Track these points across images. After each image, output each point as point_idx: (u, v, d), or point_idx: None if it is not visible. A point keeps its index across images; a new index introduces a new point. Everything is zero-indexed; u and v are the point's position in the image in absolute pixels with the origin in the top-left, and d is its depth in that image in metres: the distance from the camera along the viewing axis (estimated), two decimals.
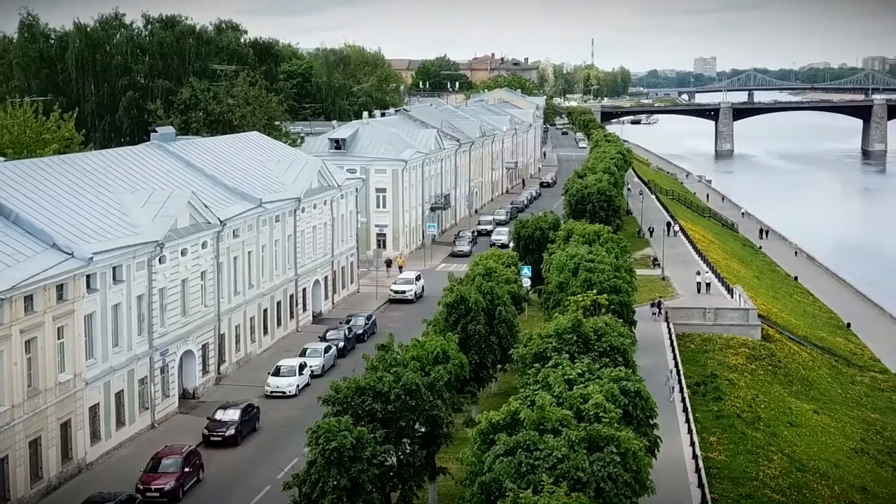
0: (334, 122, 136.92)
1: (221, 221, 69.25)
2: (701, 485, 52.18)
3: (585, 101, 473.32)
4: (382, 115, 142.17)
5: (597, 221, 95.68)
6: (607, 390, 41.74)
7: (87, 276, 54.84)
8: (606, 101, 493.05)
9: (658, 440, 44.16)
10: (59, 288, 52.43)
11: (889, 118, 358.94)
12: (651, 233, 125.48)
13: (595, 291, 61.28)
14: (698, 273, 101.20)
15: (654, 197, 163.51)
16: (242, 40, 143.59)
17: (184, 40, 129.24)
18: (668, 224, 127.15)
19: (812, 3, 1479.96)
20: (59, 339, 52.59)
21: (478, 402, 59.59)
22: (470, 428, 41.41)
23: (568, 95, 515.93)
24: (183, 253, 64.95)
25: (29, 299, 50.05)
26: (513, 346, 61.36)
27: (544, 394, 40.34)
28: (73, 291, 53.59)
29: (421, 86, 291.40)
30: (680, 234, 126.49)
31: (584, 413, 39.67)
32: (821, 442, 69.13)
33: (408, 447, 43.91)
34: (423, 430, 44.83)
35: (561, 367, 44.50)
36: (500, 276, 66.50)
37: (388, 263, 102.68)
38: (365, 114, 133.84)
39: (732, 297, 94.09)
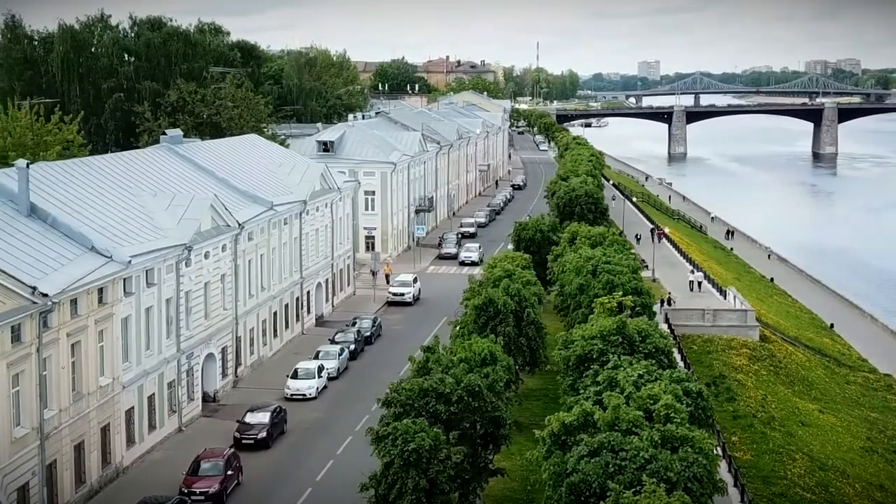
0: (318, 125, 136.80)
1: (240, 224, 69.24)
2: (738, 484, 52.98)
3: (537, 104, 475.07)
4: (363, 117, 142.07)
5: (585, 223, 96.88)
6: (671, 391, 42.40)
7: (124, 280, 54.68)
8: (556, 104, 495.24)
9: (717, 439, 44.92)
10: (100, 291, 52.27)
11: (839, 121, 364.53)
12: (638, 240, 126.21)
13: (620, 293, 61.99)
14: (691, 272, 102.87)
15: (625, 200, 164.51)
16: (226, 42, 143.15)
17: (171, 42, 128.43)
18: (652, 230, 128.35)
19: (751, 7, 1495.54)
20: (99, 342, 52.44)
21: (521, 404, 60.08)
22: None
23: (518, 98, 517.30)
24: (206, 256, 64.94)
25: (74, 303, 49.86)
26: (541, 349, 62.31)
27: (614, 395, 40.92)
28: (113, 295, 53.47)
29: (380, 88, 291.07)
30: (663, 237, 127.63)
31: (655, 413, 40.32)
32: (833, 441, 70.41)
33: (470, 448, 44.27)
34: (483, 430, 45.25)
35: (623, 368, 45.05)
36: (520, 279, 66.97)
37: (374, 273, 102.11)
38: (351, 116, 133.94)
39: (726, 299, 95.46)
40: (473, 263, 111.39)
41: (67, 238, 52.89)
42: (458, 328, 62.47)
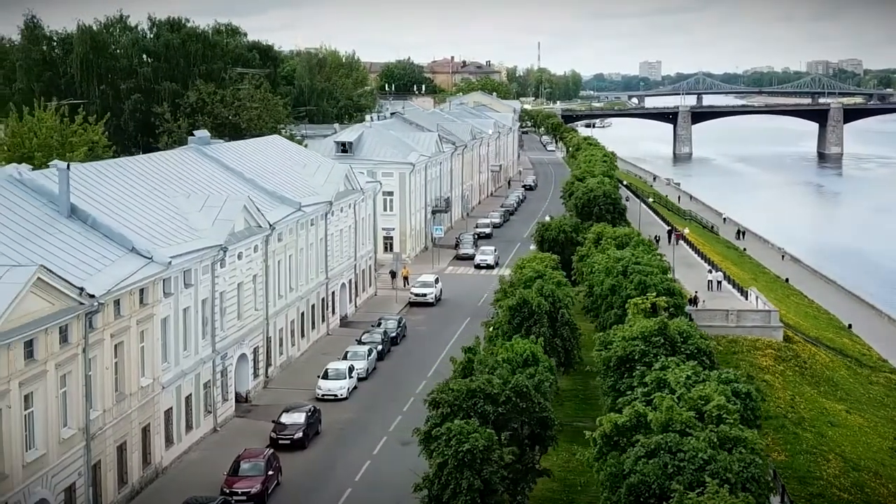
0: (335, 126, 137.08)
1: (271, 225, 69.37)
2: (778, 485, 53.01)
3: (540, 105, 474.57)
4: (379, 118, 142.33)
5: (604, 224, 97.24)
6: (721, 391, 42.49)
7: (163, 281, 54.78)
8: (560, 105, 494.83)
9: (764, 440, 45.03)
10: (141, 292, 52.38)
11: (845, 122, 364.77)
12: (657, 241, 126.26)
13: (654, 294, 62.13)
14: (710, 271, 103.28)
15: (640, 201, 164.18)
16: (243, 42, 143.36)
17: (189, 43, 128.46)
18: (669, 231, 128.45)
19: (751, 7, 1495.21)
20: (140, 343, 52.57)
21: (562, 405, 60.16)
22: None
23: (521, 98, 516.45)
24: (239, 257, 65.05)
25: (117, 304, 49.96)
26: (575, 349, 62.46)
27: (667, 396, 41.02)
28: (153, 296, 53.60)
29: (386, 88, 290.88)
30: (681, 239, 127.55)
31: (707, 414, 40.44)
32: (863, 442, 70.52)
33: (518, 448, 44.40)
34: (529, 431, 45.36)
35: (671, 369, 45.15)
36: (551, 279, 67.07)
37: (393, 275, 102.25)
38: (368, 117, 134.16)
39: (748, 299, 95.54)
40: (489, 267, 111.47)
41: (108, 239, 52.94)
42: (491, 329, 62.67)
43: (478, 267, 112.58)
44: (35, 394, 43.35)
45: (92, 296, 46.42)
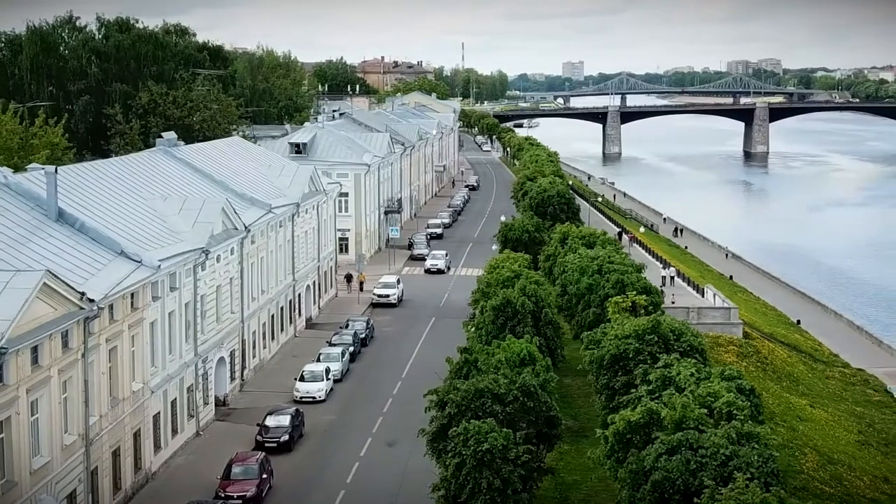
0: (287, 126, 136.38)
1: (246, 227, 69.03)
2: None
3: (468, 105, 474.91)
4: (333, 118, 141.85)
5: (568, 223, 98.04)
6: (727, 388, 43.21)
7: (151, 284, 54.31)
8: (487, 105, 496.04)
9: None
10: (132, 296, 51.91)
11: (770, 121, 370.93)
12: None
13: (634, 292, 62.88)
14: (663, 268, 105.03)
15: (589, 202, 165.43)
16: (193, 43, 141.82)
17: (139, 44, 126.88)
18: (620, 232, 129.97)
19: (672, 8, 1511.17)
20: (131, 347, 52.10)
21: None
22: None
23: (450, 98, 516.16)
24: (218, 259, 64.65)
25: (111, 308, 49.45)
26: (559, 349, 63.01)
27: (680, 394, 41.63)
28: (143, 299, 53.15)
29: (320, 89, 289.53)
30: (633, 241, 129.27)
31: (716, 411, 41.13)
32: (831, 436, 71.84)
33: (530, 447, 44.68)
34: (536, 430, 45.70)
35: (674, 367, 45.76)
36: (530, 279, 67.44)
37: (349, 279, 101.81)
38: (320, 117, 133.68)
39: (704, 297, 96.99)
40: (440, 271, 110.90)
41: (96, 243, 52.24)
42: (473, 329, 62.96)
43: (428, 272, 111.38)
44: (40, 400, 42.85)
45: (92, 300, 45.95)
